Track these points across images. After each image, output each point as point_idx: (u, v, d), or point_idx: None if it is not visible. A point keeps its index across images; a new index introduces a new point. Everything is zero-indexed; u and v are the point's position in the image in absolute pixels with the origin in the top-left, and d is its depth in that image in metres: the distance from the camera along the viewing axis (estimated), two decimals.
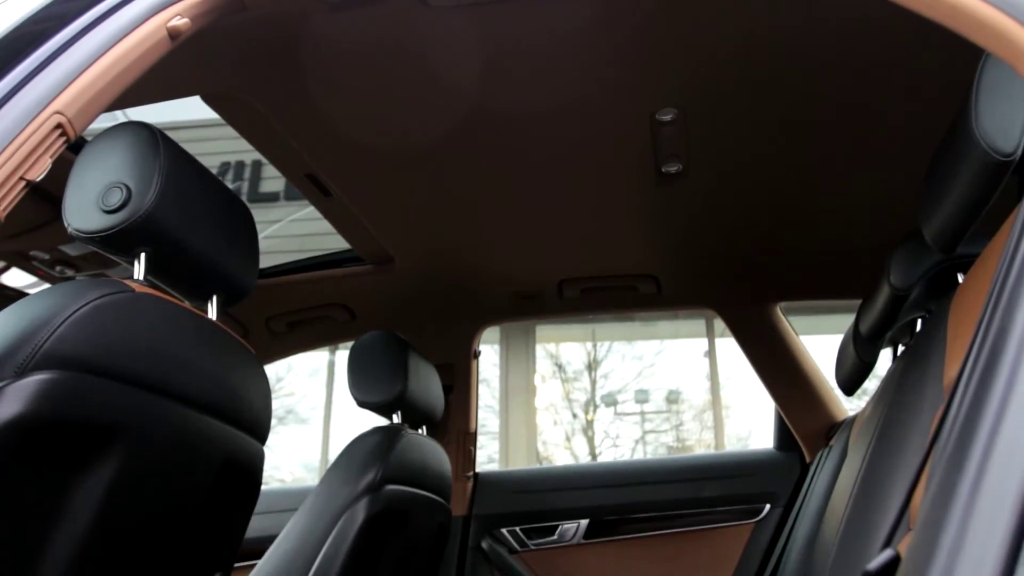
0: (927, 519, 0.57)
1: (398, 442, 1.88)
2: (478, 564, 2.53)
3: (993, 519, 0.51)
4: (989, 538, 0.50)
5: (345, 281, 2.41)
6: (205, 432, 1.21)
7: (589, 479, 2.60)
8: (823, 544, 1.45)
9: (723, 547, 2.43)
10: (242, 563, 1.81)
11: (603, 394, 9.01)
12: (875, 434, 1.32)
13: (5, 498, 0.93)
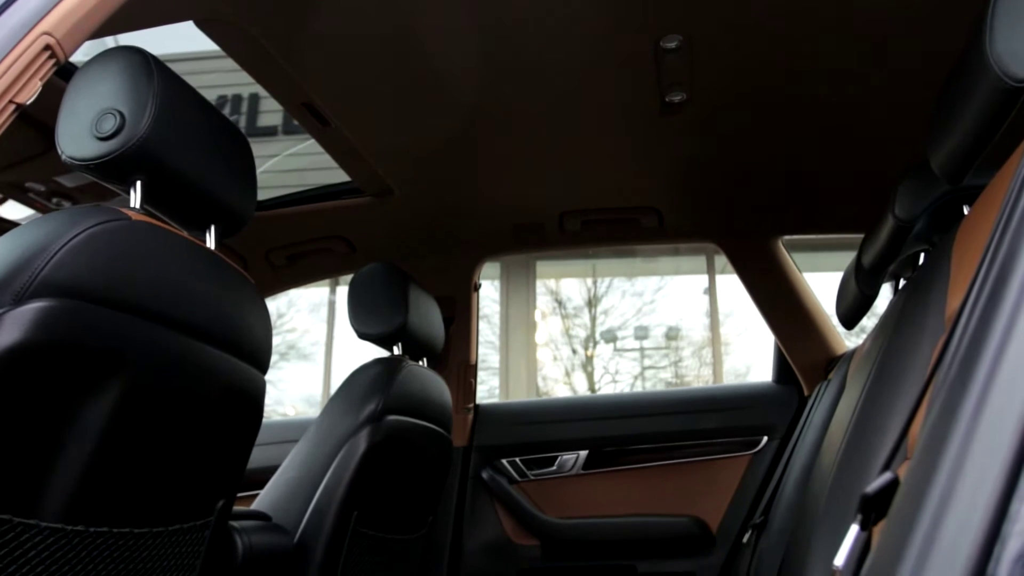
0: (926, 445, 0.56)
1: (399, 373, 1.88)
2: (478, 494, 2.57)
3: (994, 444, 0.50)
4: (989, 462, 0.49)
5: (344, 213, 2.39)
6: (206, 361, 1.21)
7: (588, 411, 2.63)
8: (819, 474, 1.47)
9: (720, 478, 2.46)
10: (245, 493, 1.85)
11: (603, 330, 9.06)
12: (874, 366, 1.33)
13: (8, 424, 0.94)
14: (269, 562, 1.58)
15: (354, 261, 2.56)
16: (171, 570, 1.26)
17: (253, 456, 1.45)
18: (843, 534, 0.70)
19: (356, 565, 1.80)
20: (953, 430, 0.53)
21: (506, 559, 2.51)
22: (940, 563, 0.47)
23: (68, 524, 1.04)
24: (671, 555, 2.43)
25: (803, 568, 1.20)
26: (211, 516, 1.33)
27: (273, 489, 1.82)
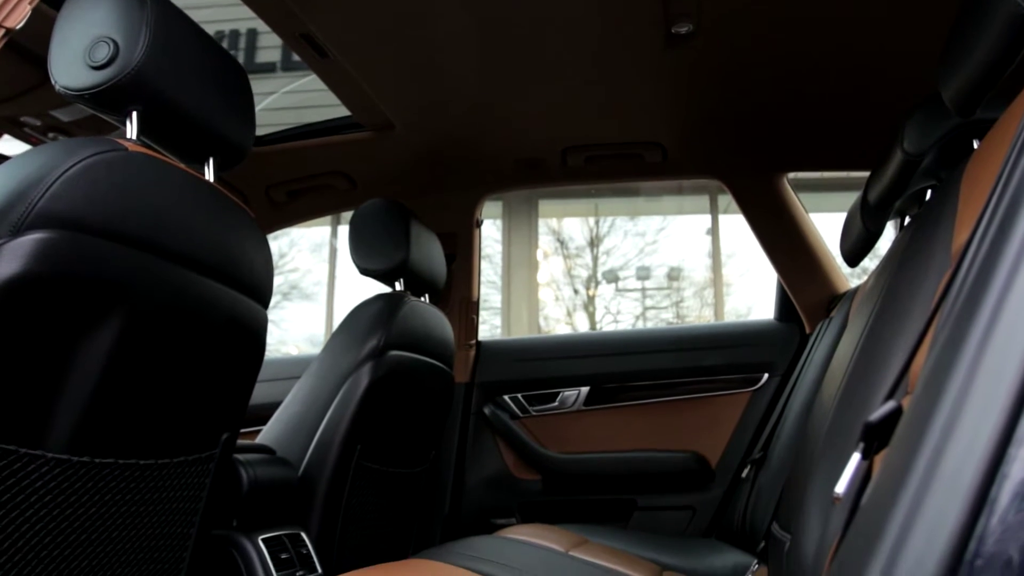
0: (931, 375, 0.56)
1: (401, 309, 1.88)
2: (480, 429, 2.60)
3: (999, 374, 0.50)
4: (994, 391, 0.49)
5: (345, 148, 2.36)
6: (207, 295, 1.21)
7: (590, 347, 2.64)
8: (819, 410, 1.48)
9: (720, 414, 2.48)
10: (248, 428, 1.86)
11: (605, 270, 9.05)
12: (877, 303, 1.32)
13: (11, 355, 0.94)
14: (274, 494, 1.60)
15: (355, 197, 2.54)
16: (177, 501, 1.27)
17: (256, 392, 1.46)
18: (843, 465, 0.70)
19: (360, 498, 1.83)
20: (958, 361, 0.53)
21: (508, 493, 2.54)
22: (942, 489, 0.47)
23: (74, 455, 1.05)
24: (671, 489, 2.46)
25: (801, 501, 1.22)
26: (216, 449, 1.35)
27: (277, 424, 1.84)
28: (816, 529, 1.11)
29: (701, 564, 1.99)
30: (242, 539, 1.48)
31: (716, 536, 2.37)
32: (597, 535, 2.09)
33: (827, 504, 1.10)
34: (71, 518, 1.06)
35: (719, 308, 8.43)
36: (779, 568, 1.34)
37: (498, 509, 2.52)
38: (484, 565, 1.35)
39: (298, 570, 1.54)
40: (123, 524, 1.16)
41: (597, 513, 2.50)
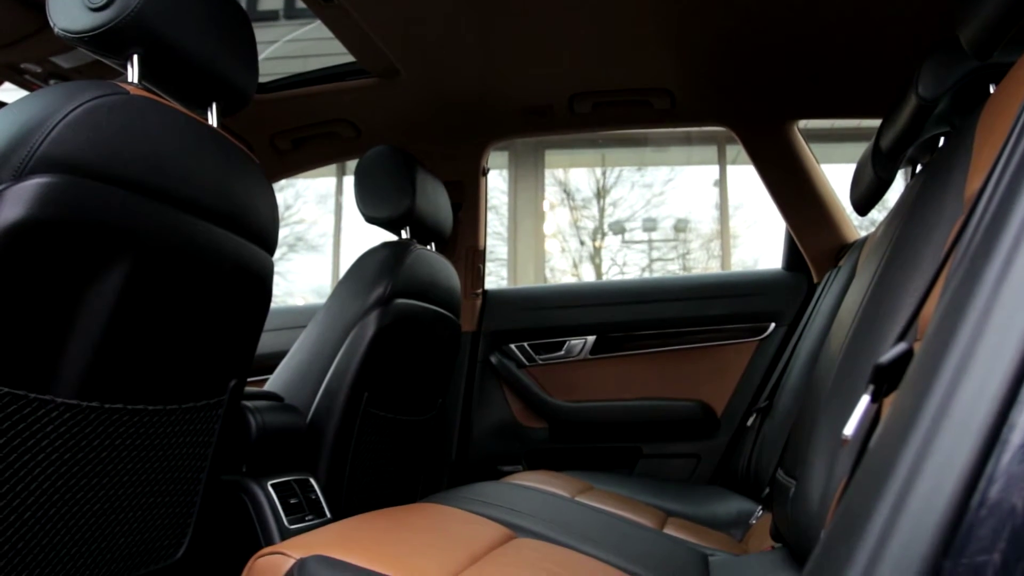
0: (942, 320, 0.55)
1: (407, 257, 1.88)
2: (486, 377, 2.61)
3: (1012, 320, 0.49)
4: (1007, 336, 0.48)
5: (350, 95, 2.34)
6: (213, 241, 1.20)
7: (597, 296, 2.63)
8: (826, 359, 1.47)
9: (726, 363, 2.49)
10: (256, 377, 1.87)
11: (611, 222, 9.03)
12: (887, 251, 1.31)
13: (18, 300, 0.94)
14: (282, 441, 1.62)
15: (360, 145, 2.52)
16: (186, 447, 1.28)
17: (262, 341, 1.47)
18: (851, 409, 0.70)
19: (367, 445, 1.84)
20: (970, 306, 0.52)
21: (514, 440, 2.56)
22: (952, 430, 0.46)
23: (83, 400, 1.05)
24: (676, 437, 2.48)
25: (807, 447, 1.22)
26: (224, 395, 1.35)
27: (284, 371, 1.84)
28: (821, 474, 1.11)
29: (705, 510, 2.01)
30: (252, 484, 1.50)
31: (720, 483, 2.40)
32: (603, 482, 2.11)
33: (833, 450, 1.10)
34: (82, 462, 1.07)
35: (726, 260, 8.42)
36: (784, 513, 1.35)
37: (504, 456, 2.55)
38: (490, 509, 1.36)
39: (307, 515, 1.56)
40: (133, 469, 1.17)
41: (603, 461, 2.52)
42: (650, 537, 1.51)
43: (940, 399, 0.48)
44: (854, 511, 0.53)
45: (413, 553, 0.97)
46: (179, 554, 1.33)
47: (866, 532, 0.49)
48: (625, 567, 1.16)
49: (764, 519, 1.81)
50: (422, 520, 1.21)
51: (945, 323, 0.55)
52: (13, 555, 1.00)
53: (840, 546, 0.51)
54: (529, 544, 1.17)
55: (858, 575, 0.48)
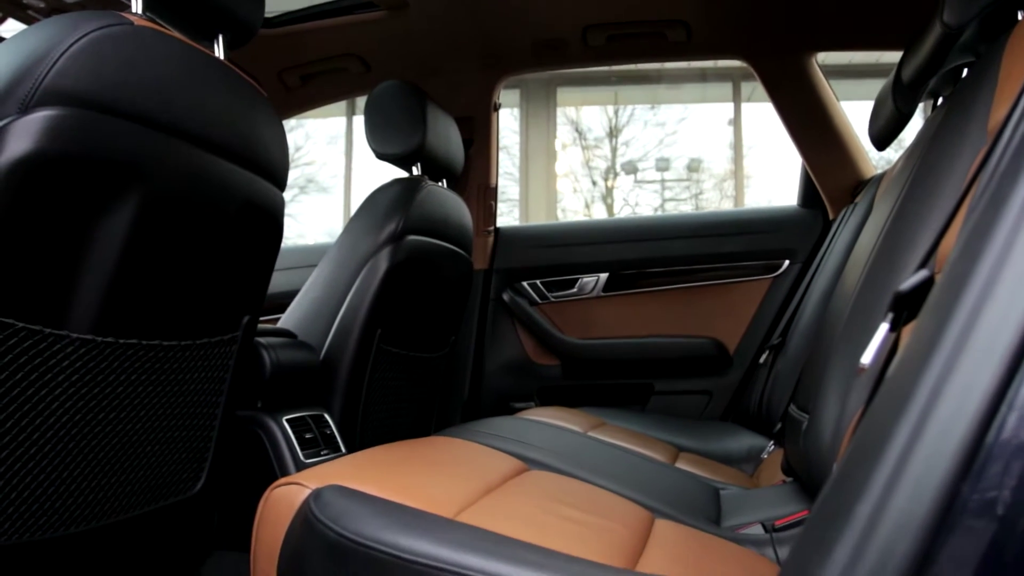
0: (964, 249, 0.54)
1: (418, 193, 1.86)
2: (499, 315, 2.61)
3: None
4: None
5: (359, 29, 2.29)
6: (222, 176, 1.19)
7: (610, 233, 2.62)
8: (841, 295, 1.46)
9: (739, 301, 2.48)
10: (267, 316, 1.88)
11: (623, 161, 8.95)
12: (906, 184, 1.29)
13: (28, 235, 0.93)
14: (296, 377, 1.63)
15: (369, 80, 2.48)
16: (201, 382, 1.29)
17: (274, 280, 1.46)
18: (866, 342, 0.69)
19: (381, 381, 1.86)
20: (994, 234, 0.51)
21: (527, 377, 2.58)
22: (975, 356, 0.45)
23: (98, 336, 1.06)
24: (688, 374, 2.49)
25: (820, 381, 1.22)
26: (237, 331, 1.36)
27: (297, 309, 1.85)
28: (834, 407, 1.11)
29: (717, 446, 2.02)
30: (267, 419, 1.52)
31: (732, 420, 2.41)
32: (615, 418, 2.12)
33: (847, 383, 1.10)
34: (99, 396, 1.08)
35: (739, 200, 8.35)
36: (795, 448, 1.36)
37: (517, 393, 2.57)
38: (504, 443, 1.37)
39: (323, 449, 1.58)
40: (150, 404, 1.18)
41: (615, 397, 2.53)
42: (662, 471, 1.52)
43: (962, 325, 0.47)
44: (871, 437, 0.53)
45: (427, 483, 0.98)
46: (197, 487, 1.35)
47: (884, 456, 0.48)
48: (637, 499, 1.17)
49: (775, 454, 1.82)
50: (436, 452, 1.22)
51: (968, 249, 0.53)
52: (35, 486, 1.02)
53: (857, 471, 0.51)
54: (543, 476, 1.18)
55: (875, 498, 0.48)
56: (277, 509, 0.89)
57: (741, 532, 1.19)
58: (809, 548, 0.53)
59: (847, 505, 0.49)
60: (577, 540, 0.85)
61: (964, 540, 0.43)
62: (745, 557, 1.03)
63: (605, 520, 0.98)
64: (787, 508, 1.25)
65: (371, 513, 0.78)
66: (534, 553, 0.70)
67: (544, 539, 0.76)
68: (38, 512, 1.04)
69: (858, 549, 0.47)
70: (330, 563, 0.78)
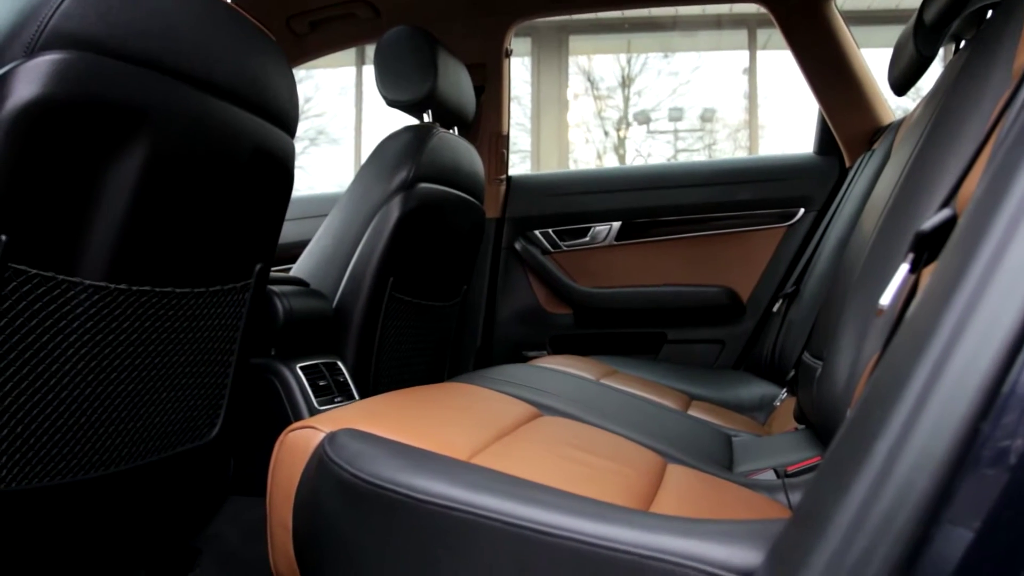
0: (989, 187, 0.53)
1: (429, 140, 1.85)
2: (511, 264, 2.61)
3: None
4: None
5: None
6: (231, 122, 1.18)
7: (622, 182, 2.59)
8: (857, 242, 1.45)
9: (753, 250, 2.46)
10: (279, 267, 1.88)
11: (636, 111, 8.86)
12: (926, 129, 1.26)
13: (37, 181, 0.93)
14: (309, 325, 1.63)
15: (379, 26, 2.44)
16: (214, 330, 1.30)
17: (285, 230, 1.46)
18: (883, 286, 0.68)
19: (393, 329, 1.86)
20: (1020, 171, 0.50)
21: (539, 326, 2.58)
22: (998, 294, 0.45)
23: (111, 283, 1.06)
24: (701, 323, 2.49)
25: (835, 327, 1.21)
26: (250, 279, 1.36)
27: (308, 258, 1.85)
28: (849, 354, 1.11)
29: (729, 394, 2.03)
30: (280, 366, 1.52)
31: (745, 369, 2.41)
32: (627, 366, 2.13)
33: (862, 329, 1.09)
34: (113, 343, 1.09)
35: (754, 151, 8.27)
36: (809, 395, 1.36)
37: (529, 342, 2.57)
38: (516, 389, 1.38)
39: (336, 396, 1.59)
40: (164, 351, 1.19)
41: (627, 346, 2.54)
42: (674, 418, 1.53)
43: (986, 263, 0.46)
44: (890, 377, 0.52)
45: (441, 427, 0.98)
46: (213, 434, 1.36)
47: (903, 396, 0.48)
48: (650, 444, 1.18)
49: (788, 402, 1.83)
50: (450, 397, 1.23)
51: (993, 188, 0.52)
52: (53, 432, 1.03)
53: (876, 410, 0.51)
54: (555, 422, 1.19)
55: (894, 436, 0.47)
56: (292, 453, 0.90)
57: (753, 478, 1.19)
58: (825, 487, 0.53)
59: (865, 444, 0.49)
60: (590, 483, 0.86)
61: (982, 478, 0.42)
62: (757, 501, 1.03)
63: (618, 464, 0.98)
64: (799, 454, 1.26)
65: (385, 455, 0.79)
66: (548, 494, 0.70)
67: (557, 482, 0.76)
68: (56, 457, 1.05)
69: (876, 487, 0.47)
70: (345, 504, 0.78)
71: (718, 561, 0.61)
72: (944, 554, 0.45)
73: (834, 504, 0.49)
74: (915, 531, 0.45)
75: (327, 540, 0.81)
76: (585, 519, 0.66)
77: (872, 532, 0.46)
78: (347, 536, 0.78)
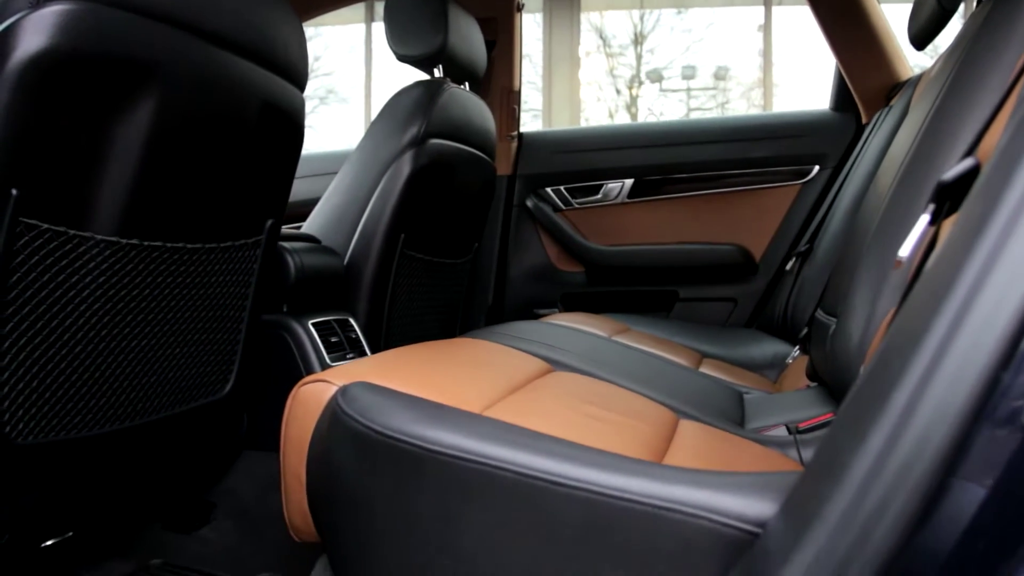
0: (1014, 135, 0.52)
1: (441, 96, 1.83)
2: (522, 221, 2.60)
3: None
4: None
5: None
6: (241, 75, 1.17)
7: (635, 138, 2.57)
8: (873, 199, 1.43)
9: (766, 207, 2.44)
10: (290, 224, 1.87)
11: (648, 69, 8.78)
12: (946, 83, 1.24)
13: (46, 135, 0.92)
14: (321, 281, 1.63)
15: None
16: (226, 286, 1.30)
17: (295, 188, 1.45)
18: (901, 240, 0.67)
19: (405, 287, 1.86)
20: None
21: (550, 284, 2.58)
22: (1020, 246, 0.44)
23: (122, 238, 1.06)
24: (713, 281, 2.48)
25: (850, 284, 1.20)
26: (261, 235, 1.35)
27: (319, 215, 1.84)
28: (864, 309, 1.10)
29: (741, 353, 2.02)
30: (292, 323, 1.53)
31: (757, 327, 2.41)
32: (639, 324, 2.13)
33: (878, 285, 1.08)
34: (126, 299, 1.09)
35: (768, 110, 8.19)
36: (822, 352, 1.35)
37: (541, 300, 2.57)
38: (528, 345, 1.37)
39: (348, 352, 1.60)
40: (176, 306, 1.19)
41: (639, 304, 2.53)
42: (686, 375, 1.53)
43: (1010, 212, 0.45)
44: (909, 328, 0.51)
45: (453, 381, 0.98)
46: (226, 389, 1.37)
47: (922, 346, 0.47)
48: (661, 400, 1.18)
49: (799, 361, 1.82)
50: (462, 352, 1.23)
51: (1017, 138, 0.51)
52: (68, 386, 1.04)
53: (894, 361, 0.50)
54: (568, 377, 1.19)
55: (912, 386, 0.47)
56: (305, 406, 0.90)
57: (765, 434, 1.19)
58: (841, 437, 0.53)
59: (883, 394, 0.49)
60: (603, 437, 0.86)
61: (1002, 429, 0.42)
62: (769, 456, 1.04)
63: (630, 419, 0.98)
64: (811, 411, 1.25)
65: (398, 407, 0.79)
66: (562, 446, 0.70)
67: (570, 435, 0.76)
68: (72, 411, 1.06)
69: (893, 437, 0.46)
70: (358, 456, 0.79)
71: (732, 512, 0.61)
72: (959, 508, 0.44)
73: (850, 454, 0.49)
74: (932, 483, 0.45)
75: (340, 492, 0.82)
76: (599, 470, 0.66)
77: (888, 483, 0.46)
78: (360, 488, 0.78)
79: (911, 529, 0.45)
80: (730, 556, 0.60)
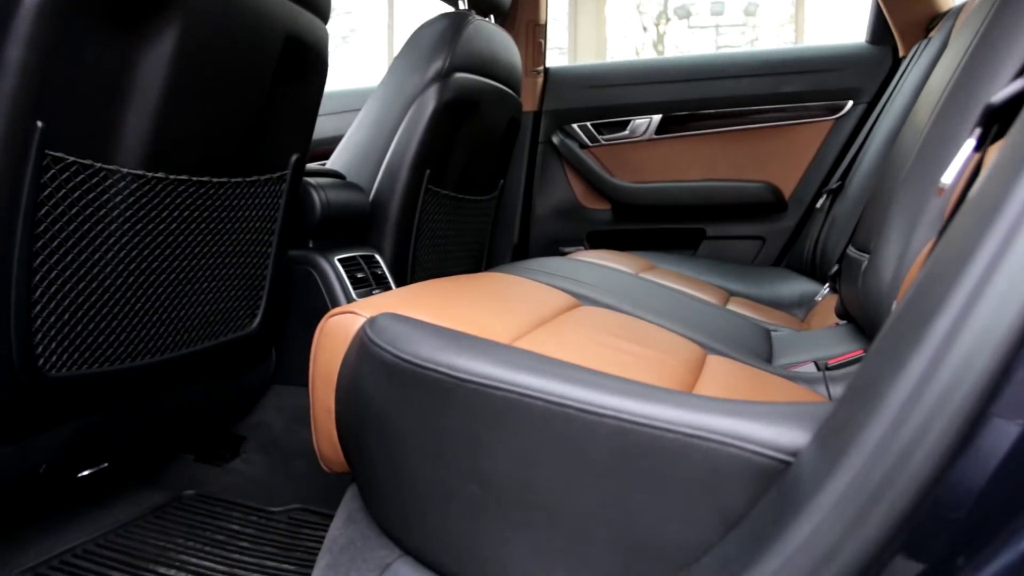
0: None
1: (466, 28, 1.79)
2: (548, 157, 2.57)
3: None
4: None
5: None
6: (262, 7, 1.15)
7: (664, 73, 2.51)
8: (909, 134, 1.39)
9: (797, 144, 2.39)
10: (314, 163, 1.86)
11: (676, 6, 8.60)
12: (991, 11, 1.19)
13: (68, 67, 0.91)
14: (346, 217, 1.63)
15: None
16: (252, 220, 1.30)
17: (319, 126, 1.43)
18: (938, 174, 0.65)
19: (430, 223, 1.85)
20: None
21: (576, 221, 2.56)
22: None
23: (149, 171, 1.06)
24: (741, 219, 2.44)
25: (884, 219, 1.17)
26: (286, 170, 1.35)
27: (344, 151, 1.83)
28: (898, 245, 1.08)
29: (768, 291, 2.01)
30: (319, 258, 1.53)
31: (786, 266, 2.38)
32: (665, 262, 2.11)
33: (913, 219, 1.06)
34: (153, 232, 1.09)
35: None
36: (852, 289, 1.33)
37: (567, 238, 2.56)
38: (555, 280, 1.37)
39: (374, 288, 1.60)
40: (203, 240, 1.19)
41: (666, 242, 2.51)
42: (713, 311, 1.52)
43: None
44: (952, 254, 0.50)
45: (480, 313, 0.98)
46: (254, 324, 1.38)
47: (967, 271, 0.46)
48: (689, 336, 1.17)
49: (828, 299, 1.80)
50: (489, 285, 1.22)
51: None
52: (99, 319, 1.05)
53: (936, 287, 0.49)
54: (595, 311, 1.18)
55: (956, 311, 0.46)
56: (333, 337, 0.90)
57: (793, 370, 1.19)
58: (879, 364, 0.52)
59: (923, 320, 0.47)
60: (631, 369, 0.85)
61: None
62: (798, 391, 1.03)
63: (658, 352, 0.98)
64: (840, 348, 1.24)
65: (427, 336, 0.79)
66: (591, 375, 0.70)
67: (598, 367, 0.76)
68: (104, 345, 1.07)
69: (934, 363, 0.45)
70: (387, 385, 0.79)
71: (765, 440, 0.60)
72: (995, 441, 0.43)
73: (888, 382, 0.48)
74: (972, 410, 0.44)
75: (369, 422, 0.82)
76: (630, 398, 0.65)
77: (927, 410, 0.45)
78: (389, 417, 0.79)
79: (949, 457, 0.44)
80: (761, 484, 0.60)
